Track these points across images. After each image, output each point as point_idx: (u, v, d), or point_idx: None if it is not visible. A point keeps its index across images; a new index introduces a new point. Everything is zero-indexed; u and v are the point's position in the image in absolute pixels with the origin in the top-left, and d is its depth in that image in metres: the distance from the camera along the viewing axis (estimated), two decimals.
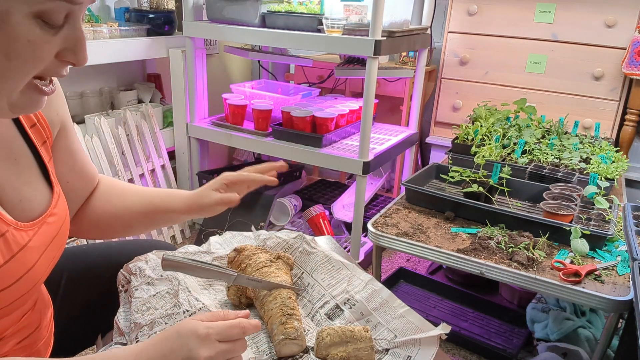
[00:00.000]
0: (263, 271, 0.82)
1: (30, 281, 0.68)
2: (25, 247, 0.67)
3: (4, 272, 0.63)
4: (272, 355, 0.74)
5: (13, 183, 0.69)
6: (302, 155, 2.12)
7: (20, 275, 0.66)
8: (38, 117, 0.75)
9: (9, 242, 0.64)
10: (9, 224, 0.65)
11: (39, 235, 0.69)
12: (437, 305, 2.02)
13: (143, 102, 2.38)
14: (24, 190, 0.70)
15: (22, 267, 0.66)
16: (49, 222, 0.72)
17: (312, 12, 2.09)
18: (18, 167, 0.71)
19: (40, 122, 0.75)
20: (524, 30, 2.33)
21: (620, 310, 1.14)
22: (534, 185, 1.61)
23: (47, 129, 0.76)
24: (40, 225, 0.70)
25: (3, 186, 0.68)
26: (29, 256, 0.67)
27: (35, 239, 0.68)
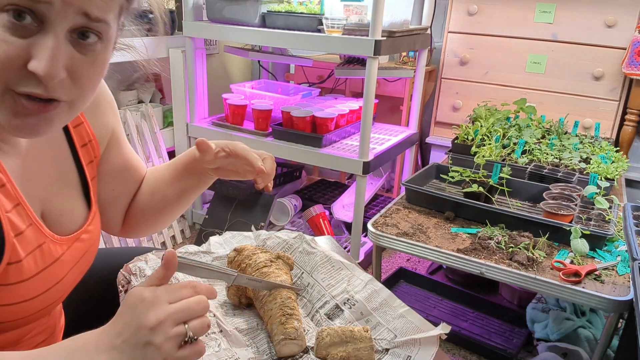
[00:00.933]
0: (263, 271, 0.82)
1: (56, 294, 0.70)
2: (58, 260, 0.69)
3: (36, 282, 0.65)
4: (272, 355, 0.74)
5: (57, 197, 0.72)
6: (302, 155, 2.12)
7: (49, 286, 0.67)
8: (90, 138, 0.77)
9: (44, 253, 0.66)
10: (46, 236, 0.67)
11: (72, 250, 0.72)
12: (437, 305, 2.02)
13: (143, 102, 2.38)
14: (65, 206, 0.73)
15: (52, 279, 0.68)
16: (82, 238, 0.74)
17: (312, 12, 2.09)
18: (63, 183, 0.73)
19: (91, 142, 0.78)
20: (524, 30, 2.33)
21: (620, 310, 1.14)
22: (534, 185, 1.61)
23: (96, 149, 0.79)
24: (74, 241, 0.72)
25: (48, 200, 0.70)
26: (60, 269, 0.69)
27: (67, 253, 0.71)
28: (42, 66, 0.51)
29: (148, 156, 2.27)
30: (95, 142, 0.78)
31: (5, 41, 0.51)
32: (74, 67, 0.55)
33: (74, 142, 0.75)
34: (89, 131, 0.77)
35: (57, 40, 0.52)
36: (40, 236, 0.66)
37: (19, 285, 0.63)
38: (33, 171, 0.69)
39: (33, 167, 0.69)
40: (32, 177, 0.68)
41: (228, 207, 2.35)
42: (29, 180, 0.67)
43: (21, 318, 0.66)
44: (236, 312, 0.83)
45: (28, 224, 0.65)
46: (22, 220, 0.64)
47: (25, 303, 0.65)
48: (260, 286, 0.80)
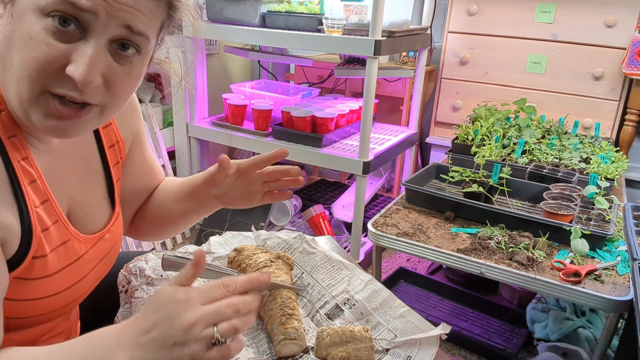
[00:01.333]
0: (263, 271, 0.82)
1: (78, 291, 0.71)
2: (82, 258, 0.70)
3: (59, 279, 0.66)
4: (272, 355, 0.74)
5: (83, 197, 0.73)
6: (302, 155, 2.12)
7: (72, 283, 0.68)
8: (117, 139, 0.79)
9: (68, 250, 0.67)
10: (71, 234, 0.68)
11: (95, 250, 0.73)
12: (437, 305, 2.02)
13: (143, 102, 2.38)
14: (91, 206, 0.74)
15: (75, 276, 0.69)
16: (106, 238, 0.75)
17: (312, 12, 2.09)
18: (90, 183, 0.75)
19: (119, 144, 0.79)
20: (524, 30, 2.33)
21: (620, 310, 1.14)
22: (534, 185, 1.61)
23: (122, 150, 0.80)
24: (98, 240, 0.74)
25: (74, 199, 0.71)
26: (83, 267, 0.70)
27: (91, 252, 0.72)
28: (79, 71, 0.53)
29: None
30: (122, 143, 0.80)
31: (48, 44, 0.53)
32: (110, 75, 0.57)
33: (103, 143, 0.76)
34: (117, 132, 0.79)
35: (97, 48, 0.55)
36: (65, 233, 0.67)
37: (43, 280, 0.64)
38: (62, 170, 0.70)
39: (62, 165, 0.70)
40: (61, 176, 0.69)
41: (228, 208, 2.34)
42: (57, 178, 0.68)
43: (43, 314, 0.67)
44: None
45: (54, 220, 0.66)
46: (49, 217, 0.65)
47: (49, 299, 0.65)
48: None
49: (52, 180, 0.67)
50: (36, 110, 0.56)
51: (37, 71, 0.54)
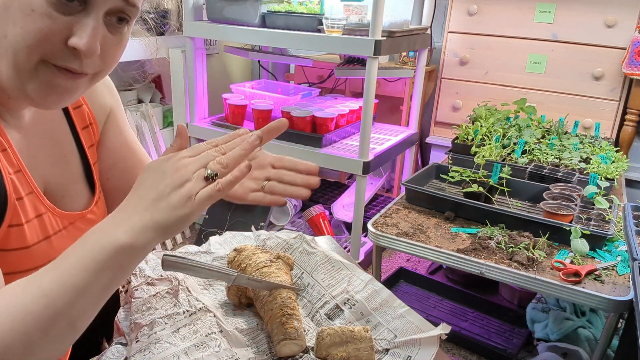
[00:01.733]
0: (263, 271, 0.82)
1: None
2: (60, 233, 0.69)
3: (38, 251, 0.66)
4: (272, 355, 0.74)
5: (59, 179, 0.73)
6: (302, 155, 2.12)
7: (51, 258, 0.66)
8: (91, 121, 0.78)
9: (45, 223, 0.67)
10: (47, 208, 0.68)
11: (75, 228, 0.72)
12: (437, 305, 2.02)
13: (143, 102, 2.38)
14: (68, 188, 0.74)
15: (53, 251, 0.68)
16: (87, 219, 0.75)
17: (312, 12, 2.09)
18: (65, 165, 0.74)
19: (92, 125, 0.78)
20: (524, 30, 2.33)
21: (620, 310, 1.14)
22: (534, 185, 1.61)
23: (96, 132, 0.79)
24: (77, 219, 0.73)
25: (50, 181, 0.71)
26: (61, 243, 0.69)
27: (70, 229, 0.71)
28: (83, 42, 0.56)
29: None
30: (95, 124, 0.79)
31: (50, 16, 0.54)
32: (105, 45, 0.60)
33: (75, 125, 0.75)
34: (90, 114, 0.78)
35: (97, 20, 0.57)
36: (40, 206, 0.67)
37: (21, 252, 0.64)
38: (35, 148, 0.70)
39: (35, 144, 0.70)
40: (34, 154, 0.69)
41: (228, 207, 2.35)
42: (30, 156, 0.68)
43: None
44: (236, 312, 0.83)
45: (28, 191, 0.66)
46: (22, 187, 0.65)
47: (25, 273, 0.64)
48: (260, 286, 0.80)
49: (24, 157, 0.66)
50: (35, 80, 0.57)
51: (38, 42, 0.55)
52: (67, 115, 0.75)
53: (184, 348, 0.70)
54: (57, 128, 0.73)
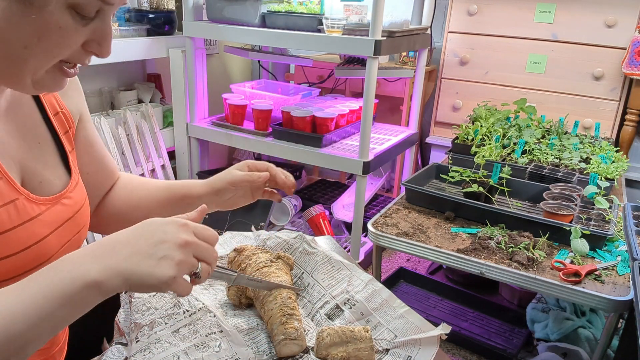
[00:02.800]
0: (263, 271, 0.82)
1: (38, 254, 0.69)
2: (36, 218, 0.69)
3: (12, 237, 0.65)
4: (272, 355, 0.74)
5: (35, 164, 0.72)
6: (302, 155, 2.12)
7: (28, 245, 0.67)
8: (61, 107, 0.79)
9: (18, 209, 0.67)
10: (20, 193, 0.67)
11: (52, 213, 0.72)
12: (437, 305, 2.02)
13: (143, 102, 2.38)
14: (45, 173, 0.73)
15: (31, 237, 0.68)
16: (64, 202, 0.74)
17: (312, 12, 2.09)
18: (40, 151, 0.74)
19: (63, 112, 0.79)
20: (524, 30, 2.33)
21: (620, 310, 1.14)
22: (534, 185, 1.61)
23: (69, 119, 0.80)
24: (54, 204, 0.72)
25: (26, 166, 0.71)
26: (39, 229, 0.69)
27: (47, 214, 0.71)
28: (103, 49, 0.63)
29: (148, 156, 2.27)
30: (67, 113, 0.79)
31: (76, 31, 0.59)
32: None
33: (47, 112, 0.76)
34: (59, 102, 0.79)
35: (109, 25, 0.63)
36: (12, 192, 0.66)
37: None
38: (8, 136, 0.70)
39: (8, 132, 0.70)
40: (6, 141, 0.69)
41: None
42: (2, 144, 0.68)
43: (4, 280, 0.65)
44: (236, 312, 0.83)
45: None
46: None
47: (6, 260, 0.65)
48: (261, 286, 0.80)
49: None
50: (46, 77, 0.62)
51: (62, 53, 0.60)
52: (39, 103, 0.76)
53: (184, 348, 0.70)
54: (29, 115, 0.74)
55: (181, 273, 0.57)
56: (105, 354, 0.74)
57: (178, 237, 0.57)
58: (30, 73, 0.60)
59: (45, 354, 0.77)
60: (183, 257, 0.57)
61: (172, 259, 0.56)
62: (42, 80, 0.61)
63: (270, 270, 0.83)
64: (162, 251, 0.56)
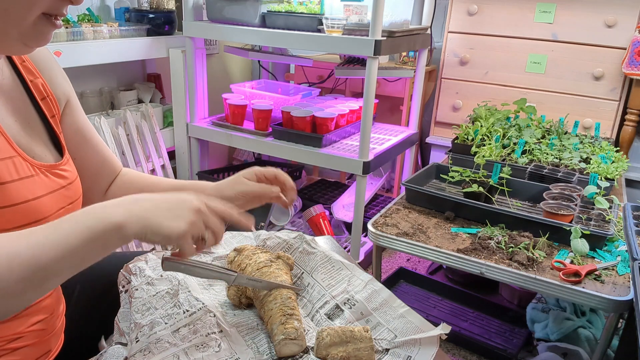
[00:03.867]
0: (263, 271, 0.82)
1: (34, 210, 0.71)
2: (31, 178, 0.71)
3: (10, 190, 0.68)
4: (272, 355, 0.74)
5: (28, 141, 0.75)
6: (302, 155, 2.12)
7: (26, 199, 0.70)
8: (48, 92, 0.80)
9: (16, 166, 0.69)
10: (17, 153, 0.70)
11: (46, 177, 0.74)
12: (437, 305, 2.02)
13: (143, 102, 2.38)
14: (37, 151, 0.76)
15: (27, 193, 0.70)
16: (56, 173, 0.76)
17: (312, 12, 2.09)
18: (31, 131, 0.77)
19: (49, 97, 0.80)
20: (524, 30, 2.33)
21: (620, 310, 1.14)
22: (534, 185, 1.61)
23: (55, 104, 0.82)
24: (47, 170, 0.75)
25: (19, 142, 0.73)
26: (34, 188, 0.71)
27: (40, 178, 0.73)
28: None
29: (148, 156, 2.27)
30: (53, 98, 0.81)
31: None
32: None
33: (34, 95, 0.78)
34: (46, 87, 0.80)
35: None
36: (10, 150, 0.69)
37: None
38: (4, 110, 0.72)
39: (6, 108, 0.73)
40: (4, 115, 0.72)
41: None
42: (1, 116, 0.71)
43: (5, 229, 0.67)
44: (236, 312, 0.83)
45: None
46: None
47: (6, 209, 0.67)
48: (261, 286, 0.80)
49: None
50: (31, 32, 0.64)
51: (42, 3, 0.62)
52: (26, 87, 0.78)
53: (184, 348, 0.70)
54: (17, 97, 0.76)
55: (190, 232, 0.63)
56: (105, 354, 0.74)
57: (193, 203, 0.65)
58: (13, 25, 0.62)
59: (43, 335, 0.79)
60: (194, 219, 0.64)
61: (186, 218, 0.63)
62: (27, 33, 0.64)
63: (270, 270, 0.83)
64: (179, 210, 0.63)
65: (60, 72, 0.86)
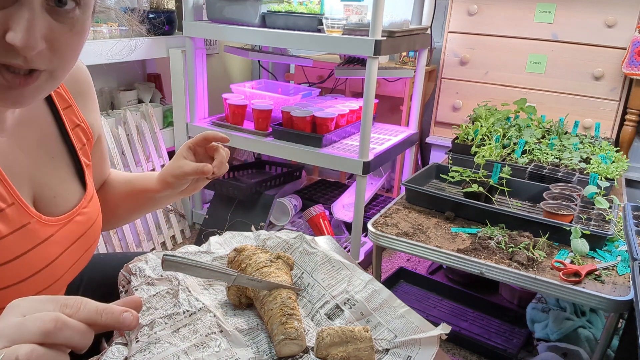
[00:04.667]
0: (263, 271, 0.82)
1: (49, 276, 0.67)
2: (47, 241, 0.67)
3: (22, 263, 0.63)
4: (272, 355, 0.74)
5: (50, 179, 0.70)
6: (302, 155, 2.12)
7: (40, 268, 0.65)
8: (80, 120, 0.77)
9: (29, 233, 0.64)
10: (32, 216, 0.65)
11: (64, 231, 0.70)
12: (437, 305, 2.02)
13: (143, 102, 2.38)
14: (59, 188, 0.71)
15: (41, 260, 0.66)
16: (77, 220, 0.73)
17: (312, 12, 2.09)
18: (54, 165, 0.72)
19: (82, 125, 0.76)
20: (524, 30, 2.33)
21: (620, 310, 1.14)
22: (534, 185, 1.61)
23: (88, 132, 0.78)
24: (67, 222, 0.71)
25: (39, 182, 0.69)
26: (50, 250, 0.67)
27: (59, 234, 0.69)
28: (19, 38, 0.50)
29: (148, 156, 2.27)
30: (87, 127, 0.78)
31: None
32: (53, 36, 0.54)
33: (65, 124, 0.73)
34: (79, 115, 0.76)
35: (32, 10, 0.51)
36: (24, 216, 0.64)
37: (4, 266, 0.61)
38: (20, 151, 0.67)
39: (20, 147, 0.67)
40: (19, 158, 0.67)
41: (228, 207, 2.35)
42: (15, 160, 0.66)
43: None
44: (236, 312, 0.83)
45: (10, 203, 0.63)
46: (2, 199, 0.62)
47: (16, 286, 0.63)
48: (261, 286, 0.80)
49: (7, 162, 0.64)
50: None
51: None
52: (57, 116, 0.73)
53: (184, 348, 0.70)
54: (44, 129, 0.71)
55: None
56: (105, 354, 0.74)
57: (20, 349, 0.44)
58: None
59: None
60: None
61: None
62: None
63: (270, 270, 0.83)
64: None
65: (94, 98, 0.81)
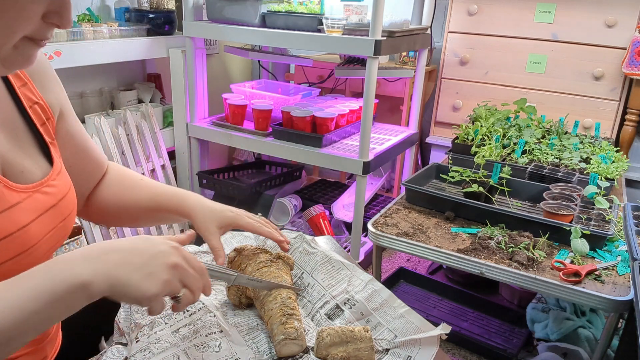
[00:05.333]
0: (263, 271, 0.82)
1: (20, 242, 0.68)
2: (16, 206, 0.67)
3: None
4: (272, 355, 0.74)
5: (15, 155, 0.71)
6: (302, 155, 2.12)
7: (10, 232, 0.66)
8: (37, 98, 0.77)
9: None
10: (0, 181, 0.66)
11: (33, 200, 0.70)
12: (437, 305, 2.02)
13: (143, 102, 2.38)
14: (26, 163, 0.72)
15: (11, 225, 0.66)
16: (45, 191, 0.73)
17: (312, 12, 2.09)
18: (19, 142, 0.73)
19: (39, 103, 0.77)
20: (524, 30, 2.33)
21: (620, 310, 1.14)
22: (534, 185, 1.61)
23: (47, 110, 0.78)
24: (34, 192, 0.71)
25: (6, 156, 0.70)
26: (20, 216, 0.68)
27: (27, 202, 0.69)
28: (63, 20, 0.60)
29: (148, 156, 2.27)
30: (45, 104, 0.78)
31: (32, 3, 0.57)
32: None
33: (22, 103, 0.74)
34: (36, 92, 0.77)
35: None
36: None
37: None
38: None
39: None
40: None
41: None
42: None
43: None
44: (236, 312, 0.83)
45: None
46: None
47: None
48: (261, 286, 0.80)
49: None
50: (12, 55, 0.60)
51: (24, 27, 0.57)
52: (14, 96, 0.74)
53: (184, 348, 0.70)
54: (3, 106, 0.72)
55: (164, 292, 0.59)
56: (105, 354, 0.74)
57: (169, 258, 0.60)
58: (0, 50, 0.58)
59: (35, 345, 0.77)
60: (169, 278, 0.59)
61: (159, 277, 0.58)
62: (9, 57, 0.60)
63: (270, 270, 0.83)
64: (152, 267, 0.58)
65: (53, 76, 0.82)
